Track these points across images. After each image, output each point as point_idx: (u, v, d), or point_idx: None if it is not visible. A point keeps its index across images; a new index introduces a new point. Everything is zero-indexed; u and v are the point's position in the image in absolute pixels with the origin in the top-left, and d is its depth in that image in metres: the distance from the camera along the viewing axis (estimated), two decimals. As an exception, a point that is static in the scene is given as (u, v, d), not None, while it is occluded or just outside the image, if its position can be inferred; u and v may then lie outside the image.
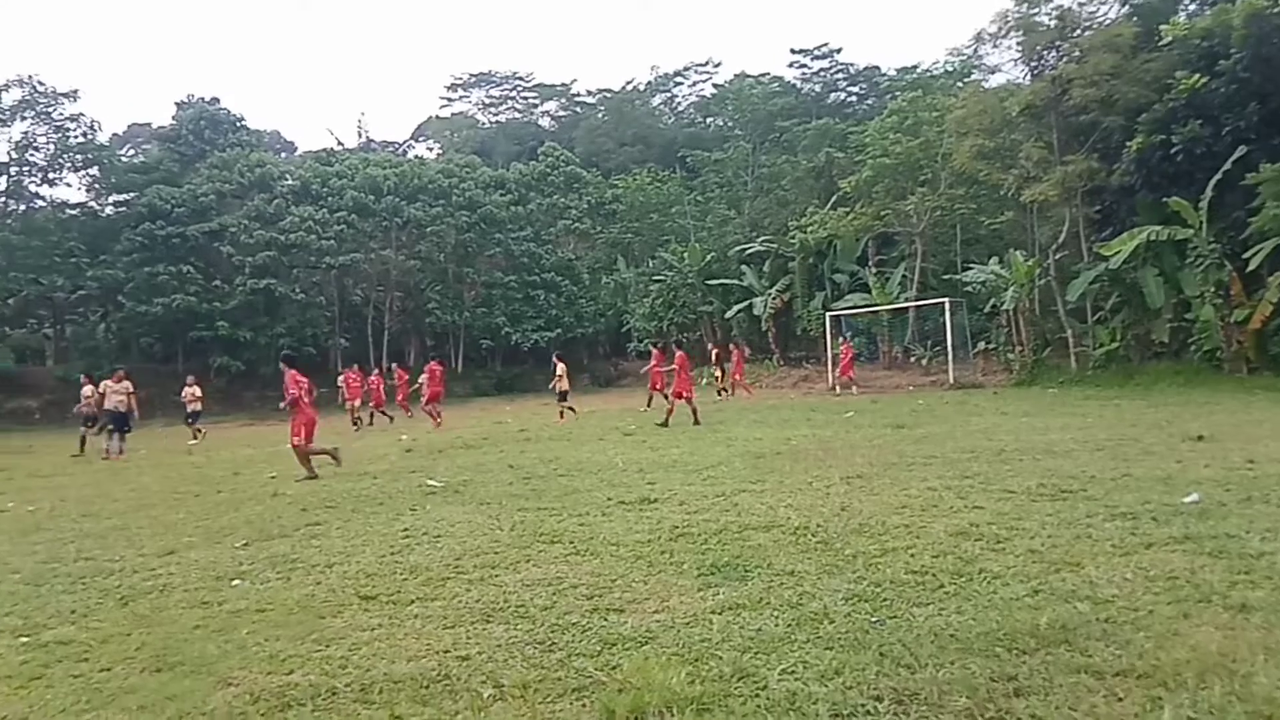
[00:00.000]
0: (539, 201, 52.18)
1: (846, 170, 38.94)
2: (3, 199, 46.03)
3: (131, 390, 20.05)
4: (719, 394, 29.85)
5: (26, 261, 42.64)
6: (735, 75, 63.17)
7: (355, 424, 25.38)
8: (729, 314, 42.11)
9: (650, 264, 49.17)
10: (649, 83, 73.89)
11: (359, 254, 46.54)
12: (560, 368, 24.04)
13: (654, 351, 23.96)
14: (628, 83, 73.61)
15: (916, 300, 33.90)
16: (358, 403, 26.26)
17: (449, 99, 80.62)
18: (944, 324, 30.07)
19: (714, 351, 33.30)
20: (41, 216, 46.24)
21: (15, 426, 36.33)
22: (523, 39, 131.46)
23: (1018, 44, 28.22)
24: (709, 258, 44.44)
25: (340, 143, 65.12)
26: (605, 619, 5.02)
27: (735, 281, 42.47)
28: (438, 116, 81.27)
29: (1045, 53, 27.47)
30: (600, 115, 71.15)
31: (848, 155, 40.71)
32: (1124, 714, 3.47)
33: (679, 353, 19.98)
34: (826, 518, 7.48)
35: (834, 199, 38.51)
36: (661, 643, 4.54)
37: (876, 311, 34.93)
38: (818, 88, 64.58)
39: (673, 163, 58.18)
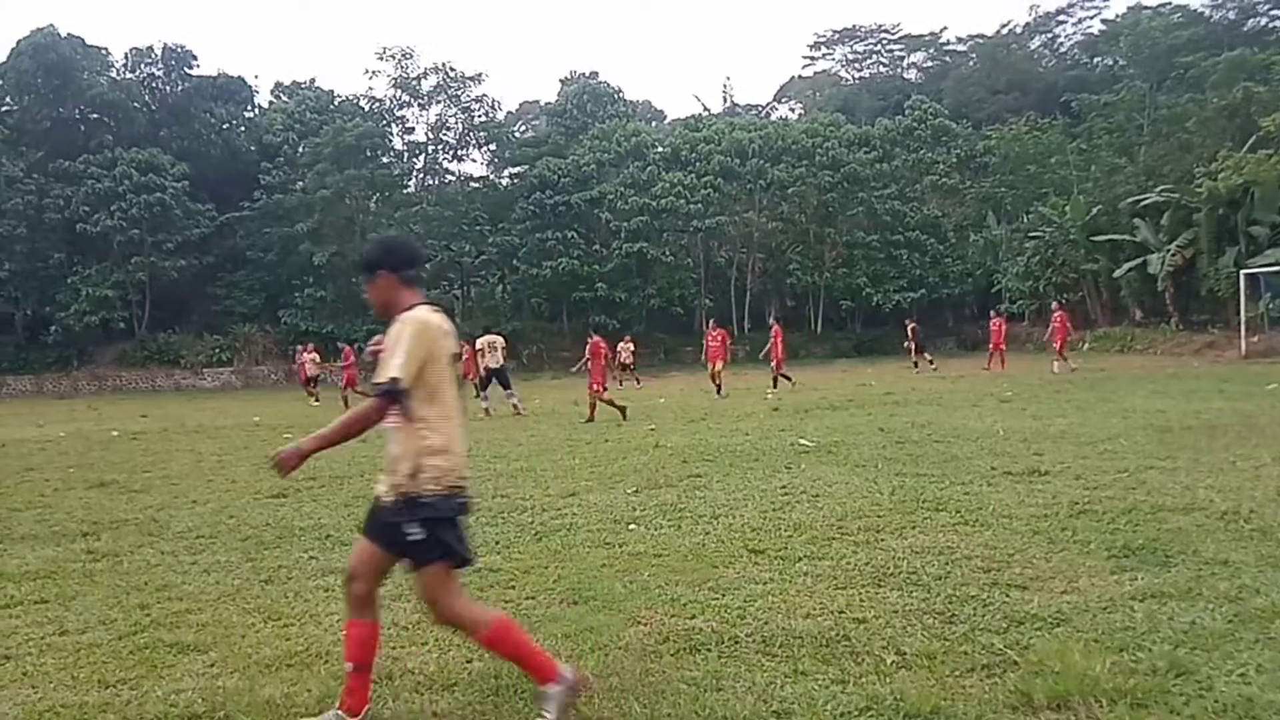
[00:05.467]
0: (904, 157, 50.49)
1: (1269, 106, 33.85)
2: (422, 175, 52.57)
3: (496, 345, 20.07)
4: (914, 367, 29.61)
5: (440, 230, 48.47)
6: (1129, 8, 56.98)
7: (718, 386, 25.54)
8: (1117, 273, 38.27)
9: (1025, 219, 45.82)
10: (1027, 24, 68.79)
11: (724, 217, 47.69)
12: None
13: (712, 332, 23.07)
14: (1003, 26, 69.12)
15: (1362, 256, 28.77)
16: (720, 365, 26.36)
17: (812, 58, 79.96)
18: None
19: (910, 327, 31.93)
20: (451, 189, 52.37)
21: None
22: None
23: None
24: (1094, 211, 40.52)
25: (706, 108, 66.92)
26: (1007, 595, 4.76)
27: (1126, 237, 38.42)
28: (800, 76, 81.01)
29: None
30: (971, 63, 67.25)
31: (1270, 89, 35.35)
32: None
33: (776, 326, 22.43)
34: (1261, 503, 6.58)
35: (1252, 140, 33.65)
36: (1076, 626, 4.22)
37: (1307, 269, 30.11)
38: (1232, 14, 56.64)
39: (1053, 109, 53.64)
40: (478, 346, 19.71)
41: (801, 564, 5.62)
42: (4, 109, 48.40)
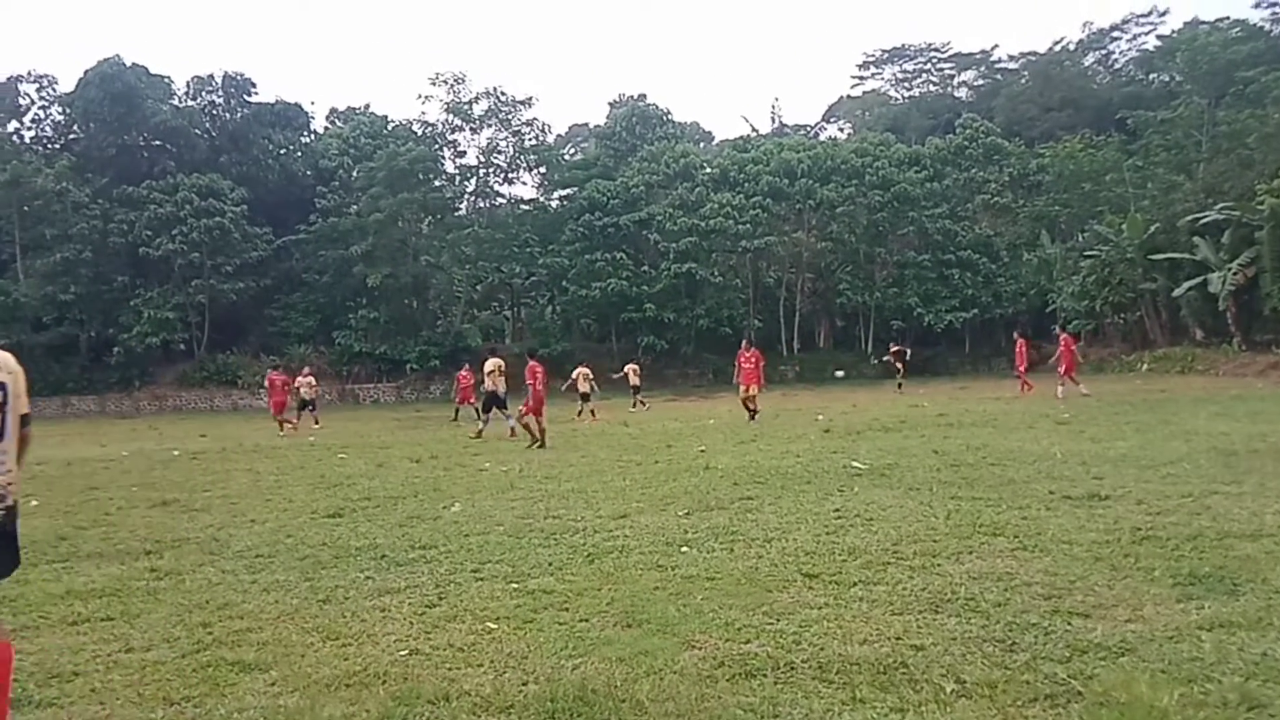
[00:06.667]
0: (955, 176, 50.19)
1: (1332, 121, 33.01)
2: (473, 197, 53.25)
3: (503, 370, 19.81)
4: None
5: (491, 252, 49.12)
6: (1186, 23, 56.31)
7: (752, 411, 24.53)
8: (1176, 292, 37.51)
9: (1080, 238, 45.22)
10: (1080, 41, 68.01)
11: (773, 237, 47.66)
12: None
13: (745, 353, 21.24)
14: (1055, 43, 68.34)
15: None
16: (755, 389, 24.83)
17: (861, 77, 79.80)
18: None
19: (893, 349, 34.04)
20: (502, 212, 53.05)
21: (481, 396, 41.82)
22: (939, 8, 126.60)
23: None
24: (1152, 229, 39.79)
25: (754, 129, 67.03)
26: (1069, 623, 4.66)
27: (1185, 255, 37.69)
28: (849, 96, 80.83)
29: None
30: (1023, 81, 66.63)
31: (1333, 104, 34.53)
32: None
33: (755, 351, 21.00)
34: (1333, 530, 6.39)
35: (1315, 155, 32.84)
36: (1142, 656, 4.13)
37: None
38: (1293, 28, 55.41)
39: (1108, 126, 52.89)
40: (487, 369, 19.62)
41: (857, 589, 5.56)
42: (71, 137, 50.03)
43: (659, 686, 4.04)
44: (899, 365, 32.96)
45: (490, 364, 19.65)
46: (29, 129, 51.29)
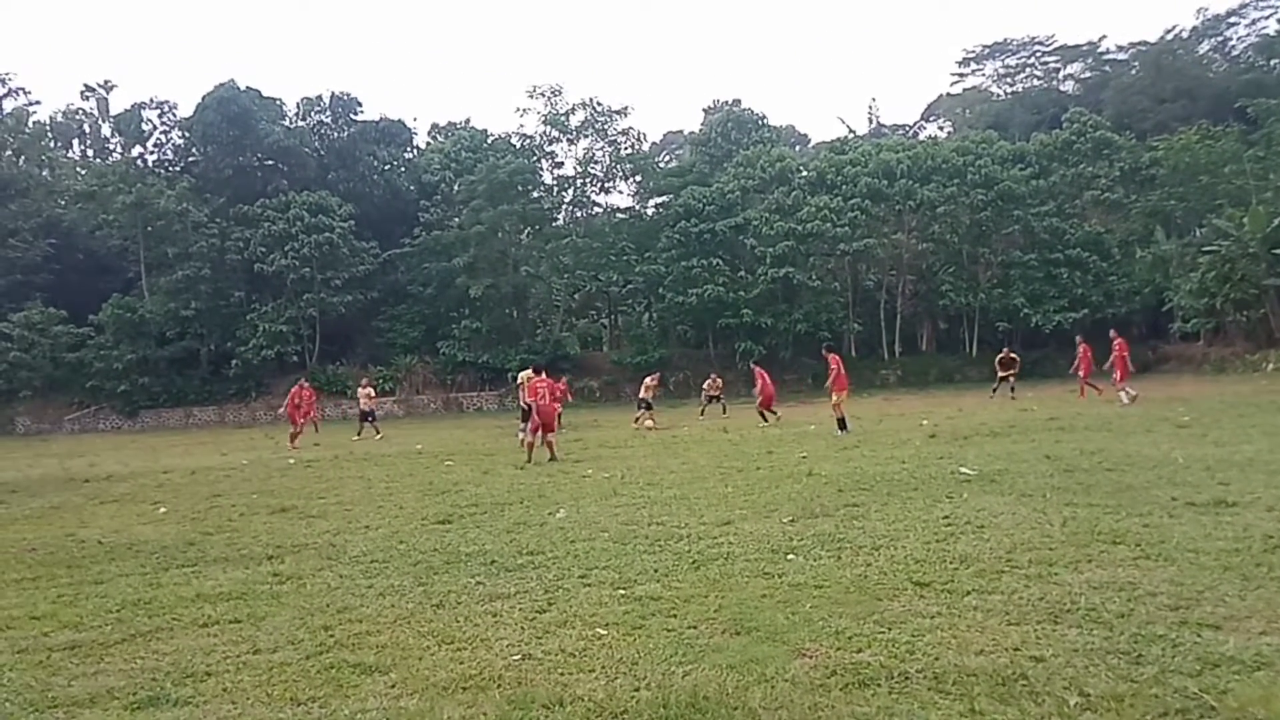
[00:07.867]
0: (1062, 172, 48.52)
1: None
2: (570, 207, 53.91)
3: (531, 380, 18.66)
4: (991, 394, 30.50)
5: (588, 261, 49.61)
6: (1311, 3, 53.23)
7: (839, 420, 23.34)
8: (1305, 288, 35.61)
9: (1198, 233, 43.15)
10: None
11: (872, 239, 46.83)
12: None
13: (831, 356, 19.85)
14: (1167, 31, 65.43)
15: None
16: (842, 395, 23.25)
17: (961, 74, 78.08)
18: None
19: (1001, 356, 31.87)
20: (599, 221, 53.57)
21: (581, 403, 42.24)
22: (1041, 1, 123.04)
23: None
24: (1276, 222, 37.79)
25: (851, 130, 66.17)
26: (1199, 635, 4.49)
27: (1314, 249, 35.75)
28: (949, 94, 79.11)
29: None
30: (1133, 71, 64.06)
31: None
32: None
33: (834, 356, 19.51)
34: None
35: None
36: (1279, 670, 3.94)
37: None
38: None
39: (1225, 116, 50.39)
40: (518, 381, 19.75)
41: (970, 598, 5.45)
42: (191, 159, 52.45)
43: (771, 694, 4.03)
44: (1008, 374, 30.80)
45: (521, 376, 19.84)
46: (151, 153, 53.98)
